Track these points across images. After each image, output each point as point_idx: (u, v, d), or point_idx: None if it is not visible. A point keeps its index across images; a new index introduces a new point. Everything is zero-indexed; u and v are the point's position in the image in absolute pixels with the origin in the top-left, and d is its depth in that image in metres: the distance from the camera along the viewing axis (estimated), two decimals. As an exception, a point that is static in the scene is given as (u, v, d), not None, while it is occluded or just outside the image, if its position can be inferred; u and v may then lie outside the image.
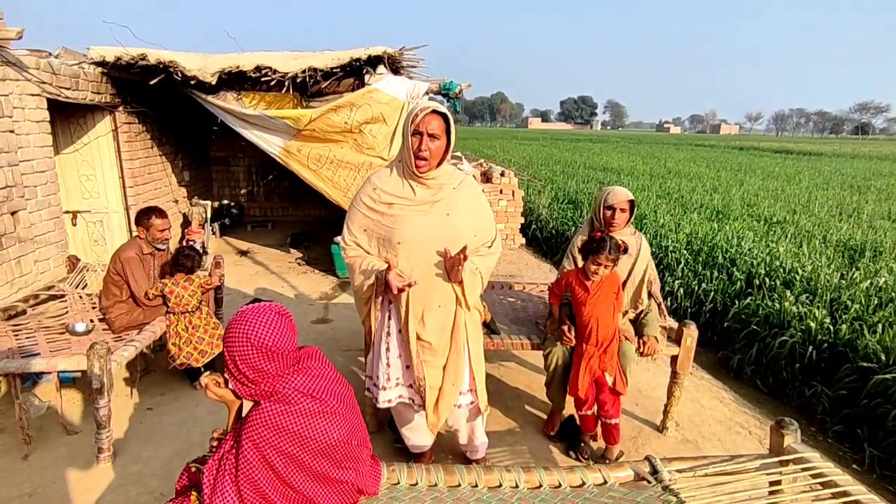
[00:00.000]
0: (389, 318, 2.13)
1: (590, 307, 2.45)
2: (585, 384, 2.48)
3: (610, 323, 2.45)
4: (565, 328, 2.55)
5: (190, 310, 3.04)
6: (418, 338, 2.07)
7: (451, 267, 1.98)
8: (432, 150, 1.94)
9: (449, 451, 2.64)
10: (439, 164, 2.01)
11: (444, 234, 2.00)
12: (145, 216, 3.12)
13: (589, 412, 2.58)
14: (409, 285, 1.97)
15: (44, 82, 3.64)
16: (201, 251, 3.48)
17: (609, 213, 2.64)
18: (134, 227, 3.77)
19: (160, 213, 3.16)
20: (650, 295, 2.82)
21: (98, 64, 4.37)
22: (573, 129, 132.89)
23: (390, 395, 2.17)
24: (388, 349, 2.14)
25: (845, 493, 1.50)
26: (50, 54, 3.97)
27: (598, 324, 2.43)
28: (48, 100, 3.72)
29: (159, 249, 3.21)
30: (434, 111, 1.92)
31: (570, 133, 75.22)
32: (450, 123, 1.96)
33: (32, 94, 3.55)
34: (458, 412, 2.22)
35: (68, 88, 3.96)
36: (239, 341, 1.32)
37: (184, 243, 5.75)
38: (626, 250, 2.48)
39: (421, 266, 2.02)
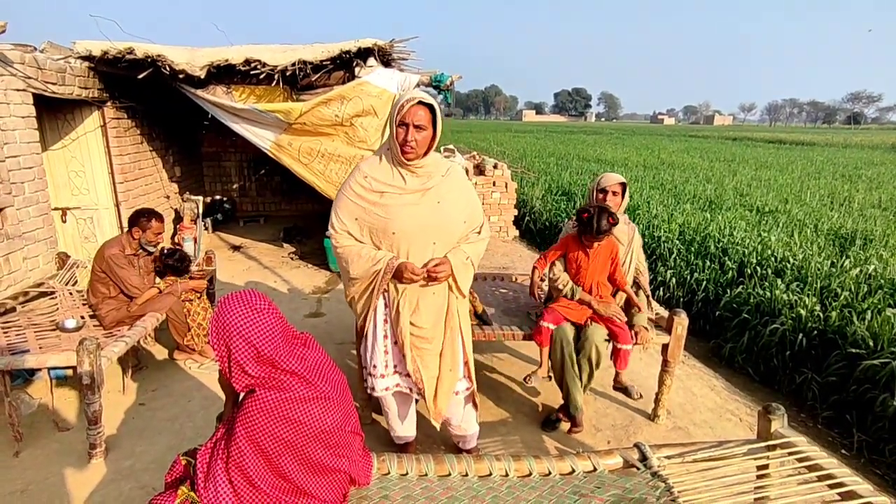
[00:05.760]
0: (386, 305, 2.13)
1: (591, 271, 2.66)
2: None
3: (606, 285, 2.70)
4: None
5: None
6: (412, 324, 2.07)
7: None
8: (418, 141, 1.95)
9: (442, 441, 2.66)
10: (426, 153, 2.02)
11: (436, 223, 2.03)
12: (144, 218, 3.10)
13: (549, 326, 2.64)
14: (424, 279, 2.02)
15: (29, 77, 3.59)
16: (188, 253, 3.51)
17: (602, 196, 2.73)
18: (125, 223, 3.75)
19: (159, 216, 3.16)
20: (638, 285, 2.85)
21: (84, 58, 4.31)
22: (568, 121, 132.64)
23: (388, 382, 2.18)
24: (385, 336, 2.15)
25: (830, 476, 1.51)
26: (35, 49, 3.92)
27: (599, 286, 2.68)
28: (34, 95, 3.68)
29: (147, 252, 3.20)
30: (420, 102, 1.92)
31: (564, 125, 75.03)
32: (436, 114, 1.96)
33: (18, 90, 3.50)
34: (454, 399, 2.23)
35: (55, 83, 3.91)
36: (234, 340, 1.30)
37: (176, 239, 5.72)
38: (615, 223, 2.58)
39: (416, 255, 2.03)
